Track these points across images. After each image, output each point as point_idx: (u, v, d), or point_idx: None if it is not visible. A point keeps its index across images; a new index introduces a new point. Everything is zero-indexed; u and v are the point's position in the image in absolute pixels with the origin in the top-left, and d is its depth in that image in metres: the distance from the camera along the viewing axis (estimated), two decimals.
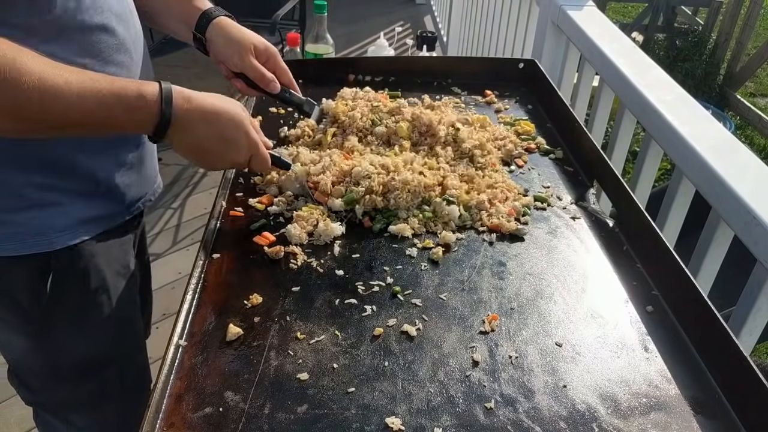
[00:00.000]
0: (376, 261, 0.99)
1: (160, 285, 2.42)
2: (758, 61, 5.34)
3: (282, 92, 1.20)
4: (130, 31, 1.00)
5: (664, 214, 1.40)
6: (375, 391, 0.77)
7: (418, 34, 1.72)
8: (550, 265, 1.00)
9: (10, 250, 0.95)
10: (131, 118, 0.86)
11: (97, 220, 1.03)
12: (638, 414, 0.76)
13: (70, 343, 1.08)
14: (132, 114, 0.85)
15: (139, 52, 1.05)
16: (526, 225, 1.08)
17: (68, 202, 0.97)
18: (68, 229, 0.98)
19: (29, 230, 0.95)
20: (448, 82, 1.58)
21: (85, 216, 1.00)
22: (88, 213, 1.01)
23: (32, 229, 0.95)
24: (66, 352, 1.09)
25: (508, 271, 0.99)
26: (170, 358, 0.79)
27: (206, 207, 3.00)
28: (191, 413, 0.73)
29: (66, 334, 1.07)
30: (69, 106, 0.80)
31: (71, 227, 0.99)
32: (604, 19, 1.79)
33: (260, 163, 1.02)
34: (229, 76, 1.19)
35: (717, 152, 1.17)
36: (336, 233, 1.03)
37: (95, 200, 1.01)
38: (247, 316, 0.87)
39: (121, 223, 1.07)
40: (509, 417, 0.75)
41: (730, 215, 1.09)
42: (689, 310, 0.88)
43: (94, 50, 0.93)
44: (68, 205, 0.98)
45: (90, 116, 0.82)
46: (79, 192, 0.98)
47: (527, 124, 1.38)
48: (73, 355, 1.10)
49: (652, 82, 1.46)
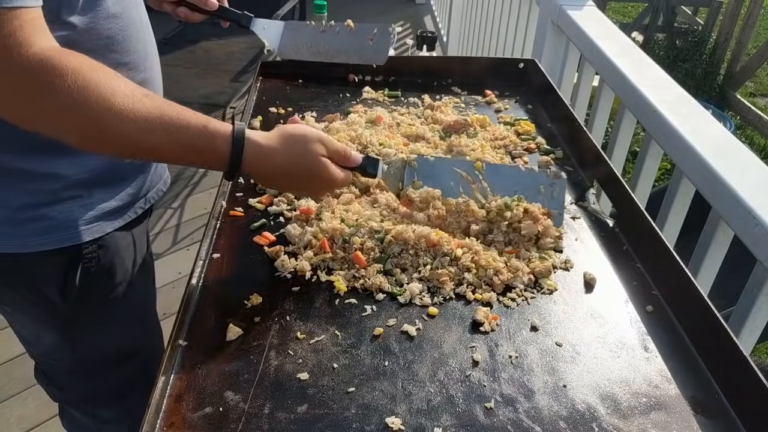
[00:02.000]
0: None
1: (160, 285, 2.41)
2: (758, 61, 5.34)
3: (219, 9, 1.28)
4: (143, 19, 1.03)
5: (664, 214, 1.40)
6: (375, 390, 0.77)
7: (418, 34, 1.71)
8: None
9: (38, 245, 0.96)
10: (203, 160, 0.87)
11: (119, 211, 1.05)
12: (638, 414, 0.76)
13: (98, 336, 1.10)
14: (203, 157, 0.86)
15: (152, 42, 1.07)
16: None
17: (87, 194, 0.99)
18: (94, 221, 1.00)
19: (57, 224, 0.96)
20: (448, 82, 1.58)
21: (107, 207, 1.02)
22: (110, 204, 1.02)
23: (60, 223, 0.96)
24: (94, 346, 1.11)
25: None
26: (170, 358, 0.79)
27: (206, 207, 3.00)
28: (191, 413, 0.73)
29: (94, 328, 1.09)
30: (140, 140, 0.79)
31: (96, 219, 1.00)
32: (604, 19, 1.79)
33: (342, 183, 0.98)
34: (171, 11, 1.24)
35: (717, 152, 1.17)
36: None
37: (114, 190, 1.03)
38: (247, 316, 0.87)
39: (140, 214, 1.10)
40: (509, 417, 0.75)
41: (730, 215, 1.09)
42: (689, 310, 0.88)
43: (117, 38, 0.94)
44: (89, 197, 0.99)
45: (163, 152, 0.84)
46: (99, 182, 1.00)
47: (527, 124, 1.38)
48: (101, 349, 1.12)
49: (652, 82, 1.46)
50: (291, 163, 0.90)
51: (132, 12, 0.98)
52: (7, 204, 0.93)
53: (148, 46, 1.05)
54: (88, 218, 0.99)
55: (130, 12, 0.97)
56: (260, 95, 1.46)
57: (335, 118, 1.34)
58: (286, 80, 1.51)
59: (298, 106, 1.42)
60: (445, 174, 1.06)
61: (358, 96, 1.47)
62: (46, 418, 1.98)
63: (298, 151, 0.90)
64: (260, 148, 0.87)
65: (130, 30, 0.97)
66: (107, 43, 0.93)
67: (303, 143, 0.91)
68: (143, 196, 1.10)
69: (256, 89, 1.48)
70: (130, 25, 0.97)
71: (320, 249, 0.97)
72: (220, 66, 4.11)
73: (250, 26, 1.37)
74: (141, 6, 1.04)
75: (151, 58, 1.06)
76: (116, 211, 1.04)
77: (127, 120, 0.77)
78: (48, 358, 1.15)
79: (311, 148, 0.91)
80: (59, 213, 0.96)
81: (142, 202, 1.10)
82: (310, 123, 1.32)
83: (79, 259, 1.01)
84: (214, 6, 1.25)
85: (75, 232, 0.98)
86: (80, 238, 0.99)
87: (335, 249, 0.97)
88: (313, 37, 1.47)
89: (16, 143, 0.89)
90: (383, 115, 1.34)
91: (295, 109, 1.41)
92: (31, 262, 0.98)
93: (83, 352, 1.11)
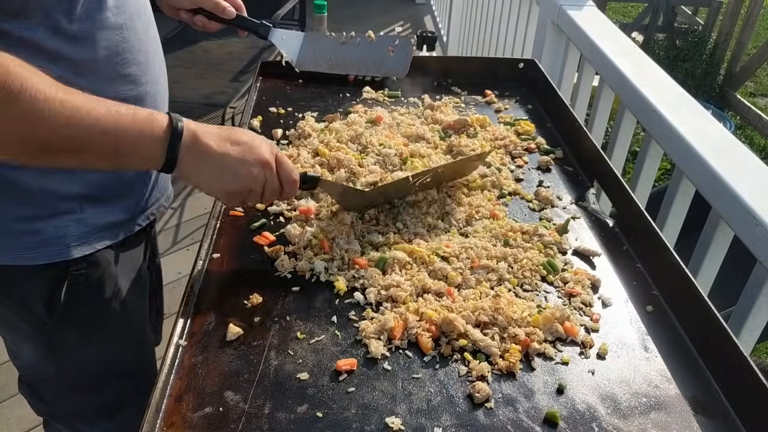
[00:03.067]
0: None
1: None
2: (758, 61, 5.33)
3: (237, 18, 1.26)
4: (149, 31, 1.01)
5: (664, 214, 1.40)
6: (375, 390, 0.77)
7: (418, 34, 1.71)
8: None
9: (30, 258, 0.94)
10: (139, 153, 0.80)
11: (113, 227, 1.01)
12: (638, 414, 0.76)
13: (84, 353, 1.07)
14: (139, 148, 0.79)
15: (158, 54, 1.05)
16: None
17: (80, 210, 0.96)
18: (85, 237, 0.97)
19: (48, 239, 0.94)
20: (448, 82, 1.58)
21: (101, 223, 0.99)
22: (104, 219, 0.99)
23: (51, 238, 0.94)
24: (81, 362, 1.08)
25: None
26: (170, 358, 0.79)
27: (206, 207, 3.00)
28: (191, 413, 0.73)
29: (79, 345, 1.06)
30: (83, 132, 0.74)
31: (88, 235, 0.98)
32: (604, 19, 1.79)
33: (286, 184, 0.92)
34: (188, 19, 1.22)
35: (717, 152, 1.17)
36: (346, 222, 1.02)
37: (109, 207, 1.00)
38: (247, 316, 0.87)
39: (137, 231, 1.07)
40: (509, 417, 0.75)
41: (730, 215, 1.09)
42: (689, 310, 0.88)
43: (117, 49, 0.92)
44: (83, 213, 0.96)
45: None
46: (94, 198, 0.97)
47: (527, 124, 1.38)
48: (88, 366, 1.09)
49: (652, 82, 1.46)
50: (229, 132, 0.86)
51: (136, 23, 0.96)
52: (5, 216, 0.92)
53: (153, 58, 1.02)
54: (79, 234, 0.96)
55: (133, 23, 0.95)
56: (260, 95, 1.46)
57: (335, 118, 1.34)
58: (286, 80, 1.51)
59: (298, 106, 1.42)
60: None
61: (358, 96, 1.47)
62: None
63: (237, 131, 0.88)
64: (196, 127, 0.84)
65: (133, 41, 0.95)
66: (107, 54, 0.90)
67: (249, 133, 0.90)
68: (142, 212, 1.07)
69: (256, 89, 1.48)
70: (133, 36, 0.95)
71: (320, 249, 0.97)
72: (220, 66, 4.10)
73: (269, 36, 1.35)
74: (146, 17, 1.01)
75: (155, 72, 1.02)
76: (110, 228, 1.01)
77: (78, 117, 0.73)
78: (32, 370, 1.12)
79: (257, 137, 0.90)
80: (53, 228, 0.94)
81: (141, 219, 1.07)
82: (310, 123, 1.32)
83: (66, 275, 0.98)
84: (232, 15, 1.23)
85: (65, 248, 0.95)
86: (70, 254, 0.96)
87: (335, 249, 0.97)
88: (333, 49, 1.46)
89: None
90: (383, 115, 1.34)
91: (295, 109, 1.41)
92: (20, 275, 0.96)
93: (69, 367, 1.08)
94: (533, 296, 0.92)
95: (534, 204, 1.14)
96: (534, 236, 1.03)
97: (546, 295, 0.93)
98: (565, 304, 0.92)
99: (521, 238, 1.02)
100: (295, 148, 1.23)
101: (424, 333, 0.84)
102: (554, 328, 0.85)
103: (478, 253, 0.97)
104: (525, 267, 0.96)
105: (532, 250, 0.99)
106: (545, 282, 0.96)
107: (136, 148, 0.80)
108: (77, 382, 1.10)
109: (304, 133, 1.28)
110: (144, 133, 0.79)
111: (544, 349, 0.83)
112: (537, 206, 1.13)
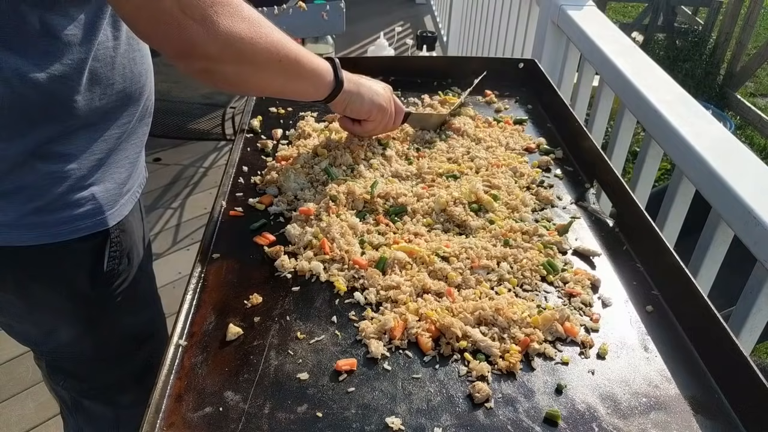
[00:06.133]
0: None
1: (160, 285, 2.41)
2: (758, 61, 5.34)
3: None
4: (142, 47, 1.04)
5: (664, 214, 1.40)
6: (375, 390, 0.77)
7: (418, 34, 1.72)
8: None
9: (70, 232, 0.95)
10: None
11: (130, 190, 1.06)
12: (638, 414, 0.76)
13: (118, 321, 1.11)
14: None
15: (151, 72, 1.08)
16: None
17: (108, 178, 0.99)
18: (115, 203, 1.01)
19: (86, 211, 0.96)
20: (448, 82, 1.58)
21: (122, 188, 1.03)
22: (122, 185, 1.03)
23: (89, 210, 0.97)
24: (115, 331, 1.12)
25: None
26: (170, 357, 0.79)
27: (206, 207, 3.00)
28: (191, 413, 0.73)
29: (117, 313, 1.10)
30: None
31: (117, 200, 1.01)
32: (604, 19, 1.79)
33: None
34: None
35: (717, 152, 1.17)
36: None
37: (124, 170, 1.03)
38: (247, 316, 0.87)
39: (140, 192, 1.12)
40: (509, 417, 0.75)
41: (730, 215, 1.09)
42: (689, 310, 0.88)
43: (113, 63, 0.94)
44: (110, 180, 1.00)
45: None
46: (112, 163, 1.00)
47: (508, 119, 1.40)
48: (123, 334, 1.13)
49: (652, 82, 1.46)
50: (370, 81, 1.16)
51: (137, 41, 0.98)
52: (43, 193, 0.91)
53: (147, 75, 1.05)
54: (111, 201, 1.00)
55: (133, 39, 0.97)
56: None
57: (335, 118, 1.34)
58: None
59: (298, 105, 1.42)
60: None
61: None
62: (46, 418, 1.98)
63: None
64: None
65: (134, 54, 0.97)
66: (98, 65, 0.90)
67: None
68: (140, 173, 1.12)
69: None
70: (132, 51, 0.97)
71: (320, 249, 0.97)
72: None
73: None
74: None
75: (149, 90, 1.06)
76: (128, 191, 1.06)
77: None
78: (65, 352, 1.13)
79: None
80: (88, 198, 0.96)
81: (142, 179, 1.13)
82: (310, 123, 1.32)
83: (105, 243, 1.01)
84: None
85: (102, 217, 0.99)
86: (106, 222, 0.99)
87: (335, 249, 0.97)
88: (270, 20, 1.51)
89: (62, 121, 0.88)
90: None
91: (295, 109, 1.41)
92: (62, 252, 0.96)
93: (107, 338, 1.12)
94: (533, 296, 0.92)
95: (534, 204, 1.14)
96: (534, 236, 1.03)
97: (546, 295, 0.94)
98: (565, 304, 0.92)
99: (521, 238, 1.02)
100: (295, 148, 1.23)
101: (424, 333, 0.84)
102: (554, 328, 0.86)
103: (478, 253, 0.97)
104: (525, 267, 0.96)
105: (532, 250, 1.00)
106: (545, 282, 0.96)
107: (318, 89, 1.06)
108: (113, 352, 1.14)
109: (304, 133, 1.28)
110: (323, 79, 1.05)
111: (544, 349, 0.84)
112: (537, 206, 1.13)
